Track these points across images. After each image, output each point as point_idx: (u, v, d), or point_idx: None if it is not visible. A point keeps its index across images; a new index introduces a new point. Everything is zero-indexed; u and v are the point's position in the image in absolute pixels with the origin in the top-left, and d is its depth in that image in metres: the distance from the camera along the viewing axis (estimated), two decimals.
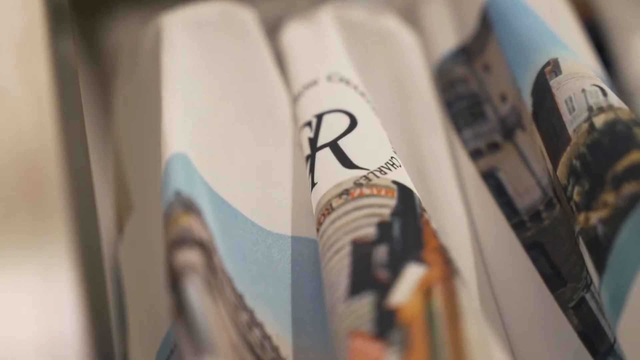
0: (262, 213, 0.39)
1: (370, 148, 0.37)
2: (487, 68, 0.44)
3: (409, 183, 0.36)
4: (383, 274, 0.31)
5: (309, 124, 0.40)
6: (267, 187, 0.40)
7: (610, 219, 0.31)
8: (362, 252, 0.32)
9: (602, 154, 0.33)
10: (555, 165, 0.35)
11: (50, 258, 0.29)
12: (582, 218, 0.33)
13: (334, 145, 0.38)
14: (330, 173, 0.36)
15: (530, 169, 0.40)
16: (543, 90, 0.37)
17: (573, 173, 0.34)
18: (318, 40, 0.46)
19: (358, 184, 0.35)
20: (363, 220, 0.33)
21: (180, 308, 0.29)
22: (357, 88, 0.42)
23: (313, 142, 0.38)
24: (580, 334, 0.36)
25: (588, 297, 0.36)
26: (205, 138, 0.40)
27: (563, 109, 0.35)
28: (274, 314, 0.36)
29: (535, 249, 0.39)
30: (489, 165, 0.42)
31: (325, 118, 0.39)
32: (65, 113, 0.34)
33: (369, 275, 0.31)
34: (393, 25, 0.48)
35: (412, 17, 0.50)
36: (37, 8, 0.35)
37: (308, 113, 0.41)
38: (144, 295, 0.41)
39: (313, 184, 0.37)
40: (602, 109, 0.34)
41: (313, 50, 0.45)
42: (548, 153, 0.36)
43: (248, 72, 0.45)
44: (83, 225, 0.31)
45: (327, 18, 0.48)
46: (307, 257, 0.38)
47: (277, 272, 0.37)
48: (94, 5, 0.59)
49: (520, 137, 0.41)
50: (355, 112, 0.40)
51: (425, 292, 0.30)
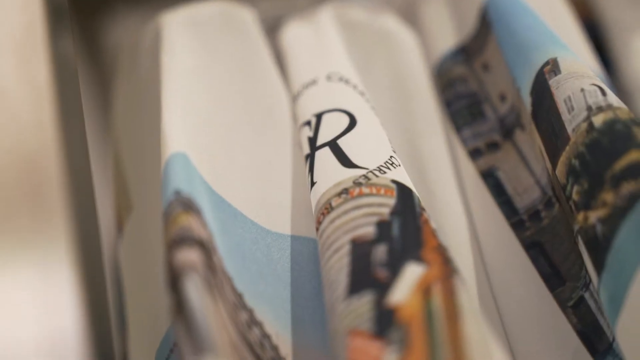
0: (261, 212, 0.39)
1: (370, 147, 0.37)
2: (486, 67, 0.44)
3: (408, 182, 0.36)
4: (382, 273, 0.31)
5: (309, 123, 0.40)
6: (266, 186, 0.40)
7: (609, 218, 0.31)
8: (361, 251, 0.32)
9: (601, 154, 0.33)
10: (554, 165, 0.35)
11: (50, 257, 0.29)
12: (581, 217, 0.33)
13: (334, 145, 0.38)
14: (330, 172, 0.36)
15: (530, 169, 0.40)
16: (542, 90, 0.37)
17: (572, 172, 0.34)
18: (318, 40, 0.46)
19: (357, 183, 0.35)
20: (362, 220, 0.33)
21: (180, 307, 0.29)
22: (356, 87, 0.42)
23: (312, 141, 0.38)
24: (579, 333, 0.36)
25: (587, 296, 0.36)
26: (205, 137, 0.40)
27: (562, 109, 0.35)
28: (274, 313, 0.36)
29: (534, 248, 0.39)
30: (488, 165, 0.42)
31: (325, 117, 0.39)
32: (65, 113, 0.34)
33: (368, 274, 0.31)
34: (392, 25, 0.48)
35: (411, 16, 0.50)
36: (37, 8, 0.35)
37: (307, 112, 0.41)
38: (144, 295, 0.41)
39: (312, 183, 0.37)
40: (601, 109, 0.34)
41: (312, 50, 0.45)
42: (547, 152, 0.36)
43: (248, 71, 0.45)
44: (83, 225, 0.31)
45: (326, 18, 0.48)
46: (306, 256, 0.38)
47: (276, 271, 0.37)
48: (94, 5, 0.59)
49: (520, 136, 0.41)
50: (355, 111, 0.40)
51: (425, 291, 0.30)
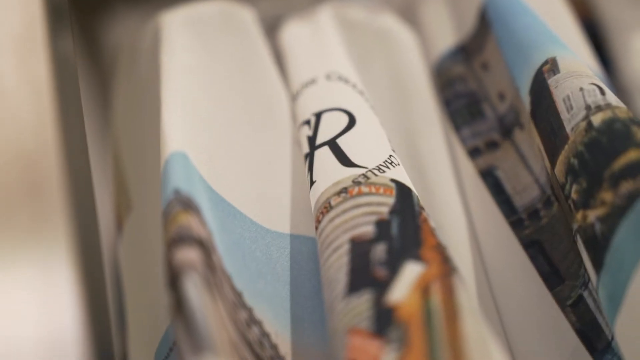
0: (261, 211, 0.39)
1: (369, 146, 0.37)
2: (485, 67, 0.44)
3: (408, 181, 0.36)
4: (381, 272, 0.31)
5: (308, 123, 0.40)
6: (266, 185, 0.40)
7: (608, 217, 0.31)
8: (360, 250, 0.32)
9: (599, 153, 0.33)
10: (553, 164, 0.35)
11: (50, 256, 0.29)
12: (580, 216, 0.33)
13: (333, 144, 0.38)
14: (329, 171, 0.36)
15: (529, 167, 0.40)
16: (541, 89, 0.37)
17: (571, 171, 0.34)
18: (317, 39, 0.46)
19: (356, 182, 0.35)
20: (361, 219, 0.33)
21: (179, 306, 0.29)
22: (355, 86, 0.42)
23: (312, 140, 0.38)
24: (578, 332, 0.36)
25: (586, 294, 0.36)
26: (205, 137, 0.40)
27: (561, 108, 0.35)
28: (273, 312, 0.36)
29: (534, 247, 0.39)
30: (488, 164, 0.42)
31: (324, 116, 0.39)
32: (65, 112, 0.34)
33: (368, 273, 0.31)
34: (392, 24, 0.48)
35: (410, 16, 0.50)
36: (36, 7, 0.35)
37: (307, 111, 0.41)
38: (143, 293, 0.41)
39: (312, 182, 0.37)
40: (600, 108, 0.34)
41: (312, 49, 0.45)
42: (546, 151, 0.36)
43: (247, 71, 0.45)
44: (82, 224, 0.31)
45: (326, 17, 0.48)
46: (306, 255, 0.38)
47: (276, 270, 0.37)
48: (94, 4, 0.59)
49: (519, 135, 0.41)
50: (354, 110, 0.40)
51: (424, 290, 0.30)
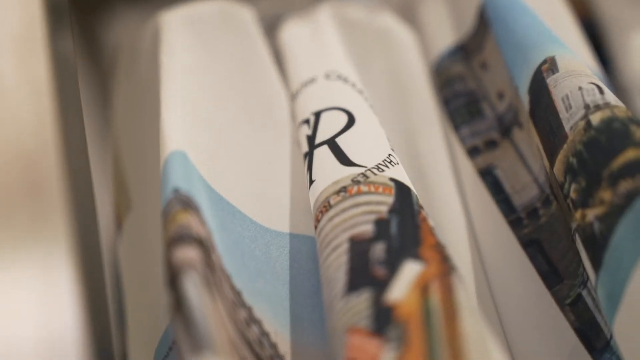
0: (260, 210, 0.39)
1: (368, 145, 0.37)
2: (484, 66, 0.44)
3: (407, 180, 0.36)
4: (380, 271, 0.31)
5: (307, 122, 0.40)
6: (265, 184, 0.40)
7: (607, 216, 0.31)
8: (359, 249, 0.32)
9: (598, 152, 0.33)
10: (552, 163, 0.35)
11: (50, 256, 0.29)
12: (578, 215, 0.33)
13: (332, 143, 0.38)
14: (328, 170, 0.36)
15: (528, 167, 0.40)
16: (540, 88, 0.37)
17: (570, 170, 0.34)
18: (316, 38, 0.46)
19: (356, 182, 0.35)
20: (361, 218, 0.33)
21: (179, 305, 0.29)
22: (355, 86, 0.42)
23: (311, 139, 0.39)
24: (577, 331, 0.36)
25: (585, 293, 0.37)
26: (204, 136, 0.40)
27: (560, 107, 0.36)
28: (273, 311, 0.36)
29: (532, 246, 0.39)
30: (486, 163, 0.42)
31: (323, 116, 0.40)
32: (65, 111, 0.34)
33: (367, 272, 0.31)
34: (391, 23, 0.48)
35: (410, 15, 0.50)
36: (36, 7, 0.35)
37: (306, 111, 0.41)
38: (143, 293, 0.41)
39: (311, 182, 0.37)
40: (598, 107, 0.34)
41: (311, 48, 0.46)
42: (545, 150, 0.37)
43: (247, 70, 0.45)
44: (82, 224, 0.31)
45: (325, 16, 0.48)
46: (305, 254, 0.38)
47: (275, 269, 0.37)
48: (93, 4, 0.59)
49: (518, 134, 0.41)
50: (353, 109, 0.40)
51: (423, 289, 0.30)
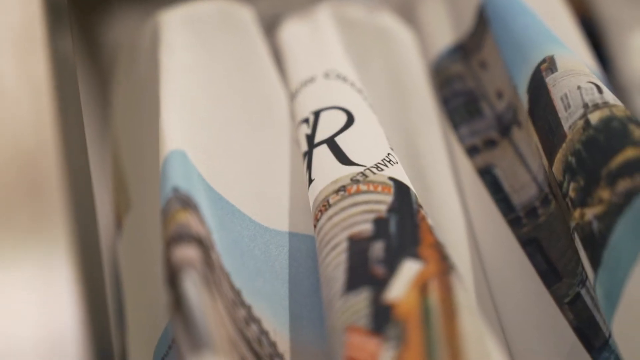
0: (259, 209, 0.39)
1: (367, 145, 0.37)
2: (483, 65, 0.44)
3: (406, 179, 0.36)
4: (379, 270, 0.31)
5: (306, 121, 0.40)
6: (264, 183, 0.40)
7: (605, 215, 0.31)
8: (358, 248, 0.32)
9: (597, 151, 0.33)
10: (551, 162, 0.36)
11: (49, 255, 0.29)
12: (577, 214, 0.33)
13: (331, 142, 0.38)
14: (327, 170, 0.36)
15: (526, 166, 0.40)
16: (539, 87, 0.37)
17: (568, 169, 0.34)
18: (315, 38, 0.46)
19: (355, 181, 0.35)
20: (360, 217, 0.33)
21: (178, 303, 0.29)
22: (354, 85, 0.42)
23: (310, 138, 0.39)
24: (576, 329, 0.36)
25: (583, 292, 0.37)
26: (203, 135, 0.40)
27: (559, 106, 0.36)
28: (272, 310, 0.36)
29: (531, 245, 0.39)
30: (485, 162, 0.42)
31: (323, 115, 0.40)
32: (64, 111, 0.34)
33: (366, 271, 0.31)
34: (390, 23, 0.48)
35: (409, 14, 0.51)
36: (35, 6, 0.35)
37: (305, 110, 0.41)
38: (143, 292, 0.41)
39: (310, 181, 0.37)
40: (597, 106, 0.34)
41: (310, 48, 0.46)
42: (544, 149, 0.37)
43: (246, 69, 0.45)
44: (82, 223, 0.32)
45: (324, 15, 0.48)
46: (304, 253, 0.38)
47: (274, 268, 0.37)
48: (93, 3, 0.59)
49: (517, 133, 0.41)
50: (353, 109, 0.40)
51: (421, 287, 0.30)
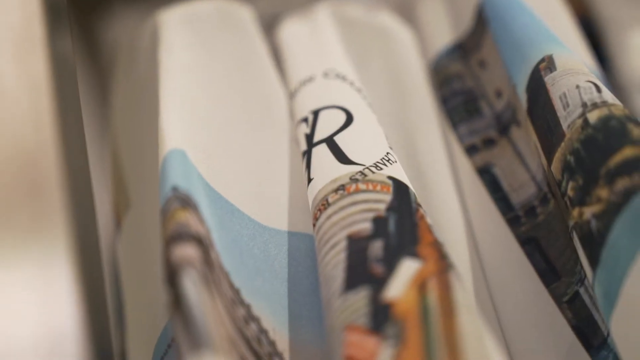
0: (259, 208, 0.39)
1: (366, 144, 0.37)
2: (482, 64, 0.44)
3: (405, 178, 0.36)
4: (378, 269, 0.31)
5: (306, 120, 0.40)
6: (264, 182, 0.40)
7: (604, 214, 0.32)
8: (357, 247, 0.32)
9: (595, 150, 0.33)
10: (550, 161, 0.36)
11: (49, 254, 0.29)
12: (576, 213, 0.33)
13: (330, 141, 0.38)
14: (327, 169, 0.36)
15: (525, 165, 0.40)
16: (538, 87, 0.37)
17: (567, 168, 0.34)
18: (315, 37, 0.46)
19: (354, 180, 0.35)
20: (359, 216, 0.33)
21: (178, 302, 0.29)
22: (353, 84, 0.42)
23: (309, 138, 0.39)
24: (574, 328, 0.36)
25: (582, 291, 0.37)
26: (203, 135, 0.40)
27: (557, 105, 0.36)
28: (271, 309, 0.36)
29: (530, 244, 0.39)
30: (484, 161, 0.42)
31: (322, 114, 0.40)
32: (64, 110, 0.34)
33: (365, 270, 0.31)
34: (389, 22, 0.48)
35: (408, 13, 0.51)
36: (35, 6, 0.35)
37: (304, 109, 0.41)
38: (142, 291, 0.41)
39: (309, 180, 0.37)
40: (596, 105, 0.34)
41: (310, 47, 0.46)
42: (543, 149, 0.37)
43: (245, 69, 0.45)
44: (81, 222, 0.32)
45: (323, 15, 0.48)
46: (303, 252, 0.38)
47: (273, 267, 0.37)
48: (92, 3, 0.59)
49: (515, 132, 0.41)
50: (352, 108, 0.40)
51: (420, 286, 0.30)
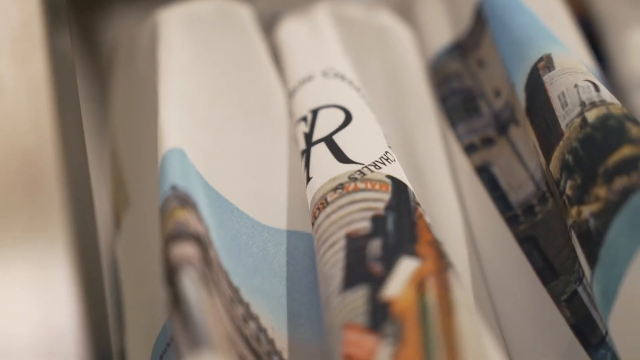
0: (257, 207, 0.39)
1: (365, 143, 0.38)
2: (481, 63, 0.45)
3: (403, 177, 0.36)
4: (377, 268, 0.31)
5: (305, 119, 0.40)
6: (263, 181, 0.40)
7: (602, 213, 0.32)
8: (356, 245, 0.32)
9: (594, 149, 0.33)
10: (548, 160, 0.36)
11: (48, 253, 0.29)
12: (574, 212, 0.33)
13: (329, 140, 0.38)
14: (325, 168, 0.36)
15: (524, 164, 0.40)
16: (536, 86, 0.37)
17: (565, 167, 0.34)
18: (314, 36, 0.46)
19: (352, 179, 0.35)
20: (357, 214, 0.33)
21: (176, 301, 0.29)
22: (352, 83, 0.42)
23: (308, 137, 0.39)
24: (573, 327, 0.36)
25: (580, 290, 0.37)
26: (202, 134, 0.40)
27: (556, 104, 0.36)
28: (270, 307, 0.36)
29: (529, 243, 0.39)
30: (483, 160, 0.42)
31: (321, 113, 0.40)
32: (63, 109, 0.34)
33: (363, 269, 0.31)
34: (388, 21, 0.48)
35: (407, 13, 0.51)
36: (34, 5, 0.35)
37: (303, 108, 0.41)
38: (141, 290, 0.41)
39: (308, 179, 0.37)
40: (594, 104, 0.34)
41: (309, 46, 0.46)
42: (541, 148, 0.37)
43: (244, 68, 0.45)
44: (80, 221, 0.32)
45: (322, 14, 0.48)
46: (302, 250, 0.38)
47: (272, 265, 0.37)
48: (91, 2, 0.59)
49: (514, 132, 0.41)
50: (351, 107, 0.40)
51: (419, 285, 0.30)
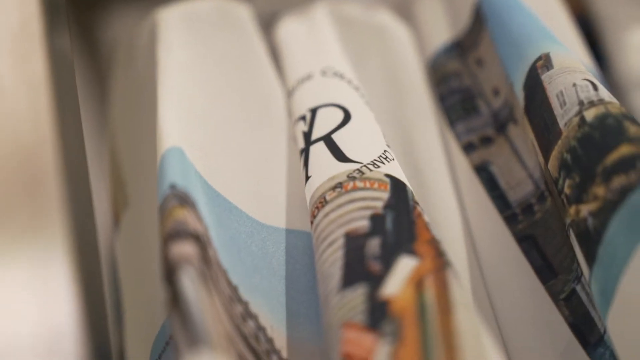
0: (256, 206, 0.39)
1: (364, 142, 0.38)
2: (480, 63, 0.45)
3: (402, 176, 0.36)
4: (376, 266, 0.31)
5: (303, 118, 0.40)
6: (261, 180, 0.40)
7: (600, 212, 0.32)
8: (355, 244, 0.32)
9: (592, 148, 0.33)
10: (547, 159, 0.36)
11: (47, 252, 0.29)
12: (572, 211, 0.33)
13: (328, 139, 0.38)
14: (324, 166, 0.36)
15: (522, 163, 0.41)
16: (535, 85, 0.37)
17: (564, 166, 0.34)
18: (313, 36, 0.46)
19: (351, 177, 0.35)
20: (356, 213, 0.34)
21: (175, 300, 0.30)
22: (351, 82, 0.42)
23: (307, 136, 0.39)
24: (571, 326, 0.36)
25: (579, 288, 0.37)
26: (201, 132, 0.40)
27: (554, 103, 0.36)
28: (269, 306, 0.36)
29: (527, 242, 0.39)
30: (482, 159, 0.42)
31: (320, 112, 0.40)
32: (62, 108, 0.34)
33: (362, 267, 0.31)
34: (387, 21, 0.48)
35: (406, 12, 0.51)
36: (33, 4, 0.35)
37: (302, 107, 0.41)
38: (140, 288, 0.41)
39: (307, 177, 0.37)
40: (592, 103, 0.34)
41: (308, 45, 0.46)
42: (540, 146, 0.37)
43: (243, 67, 0.45)
44: (79, 220, 0.32)
45: (321, 13, 0.48)
46: (301, 249, 0.38)
47: (271, 264, 0.37)
48: (91, 1, 0.59)
49: (513, 130, 0.42)
50: (349, 106, 0.40)
51: (417, 284, 0.30)
